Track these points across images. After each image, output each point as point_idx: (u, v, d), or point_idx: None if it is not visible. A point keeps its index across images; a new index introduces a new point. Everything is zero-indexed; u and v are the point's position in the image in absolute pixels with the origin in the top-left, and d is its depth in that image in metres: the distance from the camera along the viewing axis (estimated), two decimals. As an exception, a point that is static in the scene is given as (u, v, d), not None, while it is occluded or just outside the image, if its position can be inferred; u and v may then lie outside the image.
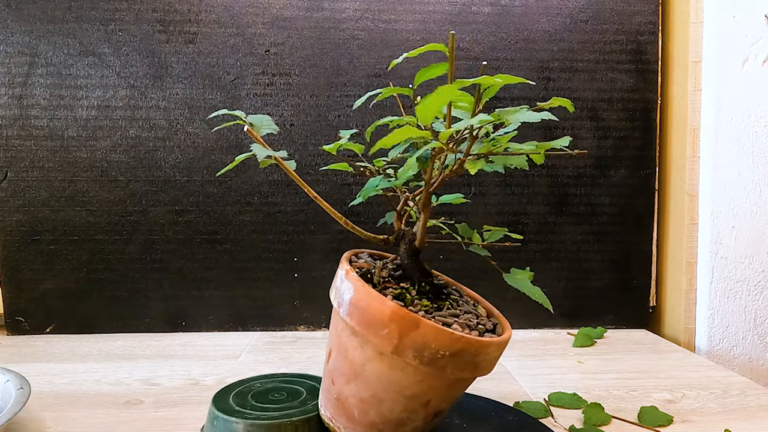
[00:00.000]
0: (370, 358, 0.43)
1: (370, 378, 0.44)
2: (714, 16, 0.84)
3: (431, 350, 0.41)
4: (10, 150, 0.89)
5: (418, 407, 0.44)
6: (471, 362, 0.42)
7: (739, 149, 0.85)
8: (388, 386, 0.43)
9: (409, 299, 0.45)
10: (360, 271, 0.48)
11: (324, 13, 0.90)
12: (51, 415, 0.60)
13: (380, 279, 0.47)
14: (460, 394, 0.48)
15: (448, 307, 0.47)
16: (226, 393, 0.54)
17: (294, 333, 0.93)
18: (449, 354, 0.41)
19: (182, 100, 0.90)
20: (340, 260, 0.49)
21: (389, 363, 0.42)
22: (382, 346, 0.42)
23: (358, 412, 0.45)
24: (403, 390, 0.43)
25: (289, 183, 0.92)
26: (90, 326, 0.92)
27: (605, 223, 0.95)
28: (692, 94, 0.88)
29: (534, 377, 0.72)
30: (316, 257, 0.93)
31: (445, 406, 0.46)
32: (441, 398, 0.44)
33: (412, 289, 0.47)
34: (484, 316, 0.49)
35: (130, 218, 0.91)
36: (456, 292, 0.52)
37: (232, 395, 0.54)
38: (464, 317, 0.46)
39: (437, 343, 0.40)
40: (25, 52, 0.88)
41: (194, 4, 0.89)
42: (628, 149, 0.94)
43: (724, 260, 0.86)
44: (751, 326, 0.86)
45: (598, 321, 0.95)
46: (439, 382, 0.43)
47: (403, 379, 0.43)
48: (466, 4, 0.91)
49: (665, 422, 0.58)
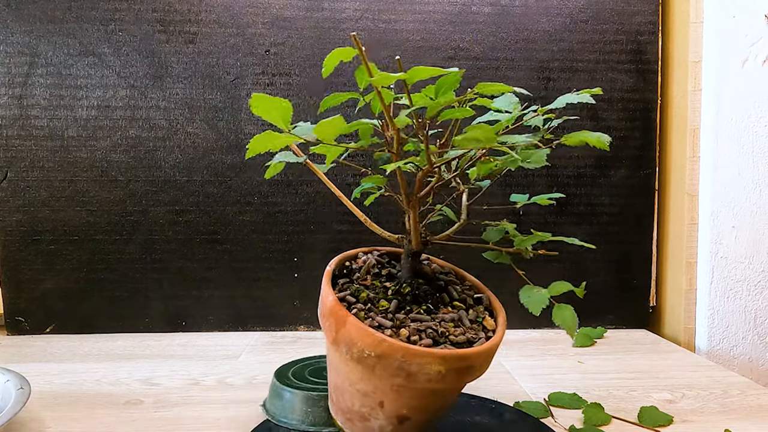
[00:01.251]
0: (328, 348, 0.48)
1: (333, 367, 0.48)
2: (714, 16, 0.84)
3: (358, 348, 0.42)
4: (10, 150, 0.89)
5: (375, 405, 0.45)
6: (402, 369, 0.41)
7: (739, 149, 0.85)
8: (343, 378, 0.46)
9: (364, 297, 0.46)
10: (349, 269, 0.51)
11: (324, 13, 0.90)
12: (51, 415, 0.60)
13: (365, 276, 0.49)
14: (435, 407, 0.46)
15: (429, 311, 0.46)
16: (286, 368, 0.63)
17: (294, 333, 0.93)
18: (375, 355, 0.42)
19: (182, 100, 0.90)
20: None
21: (338, 354, 0.45)
22: (328, 337, 0.45)
23: (335, 397, 0.49)
24: (354, 384, 0.45)
25: (289, 183, 0.92)
26: (90, 326, 0.92)
27: (605, 223, 0.95)
28: (692, 94, 0.88)
29: (534, 377, 0.72)
30: (316, 257, 0.93)
31: (410, 414, 0.45)
32: (396, 403, 0.44)
33: (393, 287, 0.48)
34: (474, 326, 0.47)
35: (130, 218, 0.91)
36: (462, 292, 0.50)
37: (292, 371, 0.62)
38: (446, 324, 0.45)
39: (362, 341, 0.42)
40: (25, 52, 0.88)
41: (194, 4, 0.89)
42: (628, 149, 0.94)
43: (724, 260, 0.86)
44: (751, 326, 0.86)
45: (598, 321, 0.95)
46: (381, 384, 0.43)
47: (350, 373, 0.45)
48: (466, 4, 0.91)
49: (665, 422, 0.58)
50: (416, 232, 0.48)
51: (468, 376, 0.44)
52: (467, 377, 0.44)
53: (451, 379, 0.42)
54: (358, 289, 0.48)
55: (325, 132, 0.40)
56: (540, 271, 0.94)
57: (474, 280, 0.53)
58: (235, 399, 0.65)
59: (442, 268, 0.53)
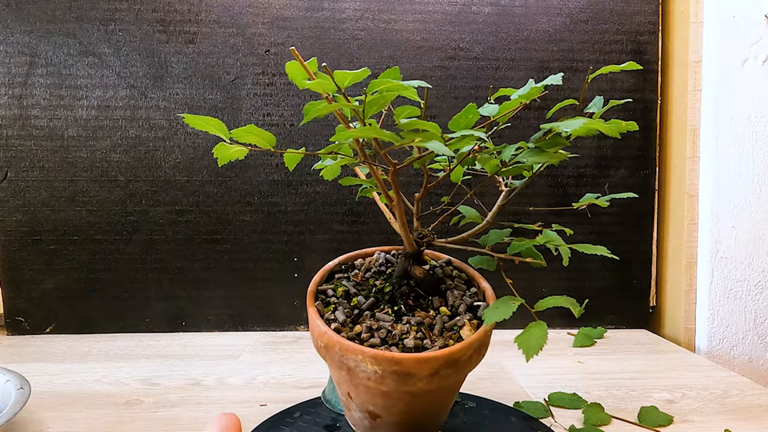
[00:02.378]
0: None
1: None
2: (714, 16, 0.84)
3: (314, 338, 0.46)
4: (10, 150, 0.89)
5: (345, 396, 0.46)
6: (343, 363, 0.43)
7: (739, 149, 0.85)
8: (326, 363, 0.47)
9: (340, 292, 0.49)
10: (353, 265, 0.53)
11: (324, 13, 0.90)
12: (51, 415, 0.60)
13: (357, 273, 0.51)
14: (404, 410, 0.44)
15: (399, 312, 0.46)
16: None
17: (294, 333, 0.93)
18: (323, 346, 0.44)
19: (182, 100, 0.90)
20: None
21: None
22: None
23: None
24: (330, 371, 0.47)
25: (289, 183, 0.92)
26: (90, 326, 0.92)
27: (605, 223, 0.95)
28: (692, 94, 0.88)
29: (534, 377, 0.72)
30: (316, 257, 0.93)
31: (379, 413, 0.45)
32: (360, 398, 0.45)
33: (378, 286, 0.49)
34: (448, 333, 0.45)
35: (130, 218, 0.91)
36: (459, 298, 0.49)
37: None
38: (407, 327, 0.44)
39: (313, 332, 0.46)
40: (25, 52, 0.88)
41: (194, 4, 0.89)
42: (628, 149, 0.94)
43: (724, 260, 0.86)
44: (751, 326, 0.86)
45: (598, 321, 0.95)
46: (338, 376, 0.45)
47: (324, 359, 0.46)
48: (466, 4, 0.91)
49: (665, 422, 0.58)
50: (406, 235, 0.48)
51: (410, 384, 0.42)
52: (409, 384, 0.42)
53: (391, 382, 0.41)
54: (337, 285, 0.49)
55: (244, 137, 0.45)
56: (540, 272, 0.95)
57: (485, 287, 0.50)
58: (235, 399, 0.65)
59: (454, 272, 0.52)
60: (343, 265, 0.53)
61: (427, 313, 0.47)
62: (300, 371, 0.74)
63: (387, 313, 0.46)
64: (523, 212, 0.94)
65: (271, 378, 0.72)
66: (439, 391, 0.45)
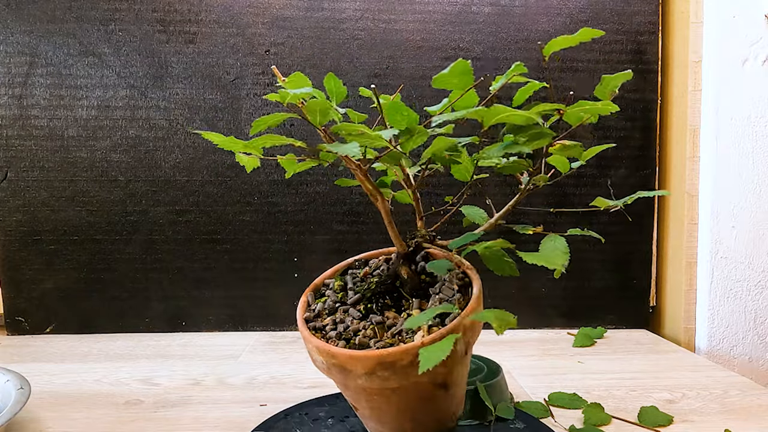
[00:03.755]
0: None
1: None
2: (714, 16, 0.84)
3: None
4: (10, 150, 0.89)
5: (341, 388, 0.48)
6: (310, 353, 0.46)
7: (739, 149, 0.85)
8: None
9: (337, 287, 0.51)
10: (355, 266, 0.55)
11: (324, 13, 0.90)
12: (51, 415, 0.60)
13: (367, 275, 0.52)
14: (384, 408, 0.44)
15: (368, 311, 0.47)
16: None
17: (294, 333, 0.93)
18: (302, 337, 0.47)
19: (182, 100, 0.90)
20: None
21: None
22: None
23: None
24: None
25: (289, 183, 0.92)
26: (90, 326, 0.92)
27: (605, 223, 0.95)
28: (692, 94, 0.88)
29: (534, 377, 0.72)
30: (316, 257, 0.93)
31: (352, 403, 0.47)
32: (345, 394, 0.47)
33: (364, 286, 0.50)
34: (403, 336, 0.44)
35: (130, 218, 0.91)
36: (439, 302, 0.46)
37: None
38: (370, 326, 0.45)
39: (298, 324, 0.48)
40: (25, 52, 0.88)
41: (194, 4, 0.89)
42: (628, 149, 0.94)
43: (724, 260, 0.86)
44: (751, 326, 0.86)
45: (598, 321, 0.95)
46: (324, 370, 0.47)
47: None
48: (466, 4, 0.91)
49: (665, 422, 0.58)
50: (394, 234, 0.48)
51: (351, 379, 0.42)
52: (350, 379, 0.42)
53: (336, 374, 0.44)
54: (338, 279, 0.52)
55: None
56: (540, 272, 0.94)
57: (474, 294, 0.46)
58: (235, 399, 0.65)
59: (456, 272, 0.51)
60: (357, 261, 0.54)
61: (399, 315, 0.46)
62: (300, 371, 0.74)
63: (359, 311, 0.47)
64: (523, 212, 0.94)
65: (271, 378, 0.72)
66: (396, 393, 0.43)
